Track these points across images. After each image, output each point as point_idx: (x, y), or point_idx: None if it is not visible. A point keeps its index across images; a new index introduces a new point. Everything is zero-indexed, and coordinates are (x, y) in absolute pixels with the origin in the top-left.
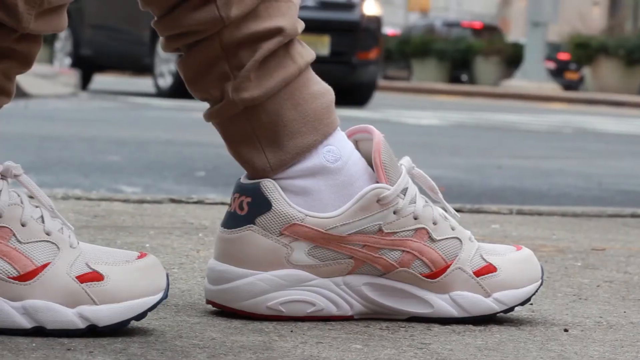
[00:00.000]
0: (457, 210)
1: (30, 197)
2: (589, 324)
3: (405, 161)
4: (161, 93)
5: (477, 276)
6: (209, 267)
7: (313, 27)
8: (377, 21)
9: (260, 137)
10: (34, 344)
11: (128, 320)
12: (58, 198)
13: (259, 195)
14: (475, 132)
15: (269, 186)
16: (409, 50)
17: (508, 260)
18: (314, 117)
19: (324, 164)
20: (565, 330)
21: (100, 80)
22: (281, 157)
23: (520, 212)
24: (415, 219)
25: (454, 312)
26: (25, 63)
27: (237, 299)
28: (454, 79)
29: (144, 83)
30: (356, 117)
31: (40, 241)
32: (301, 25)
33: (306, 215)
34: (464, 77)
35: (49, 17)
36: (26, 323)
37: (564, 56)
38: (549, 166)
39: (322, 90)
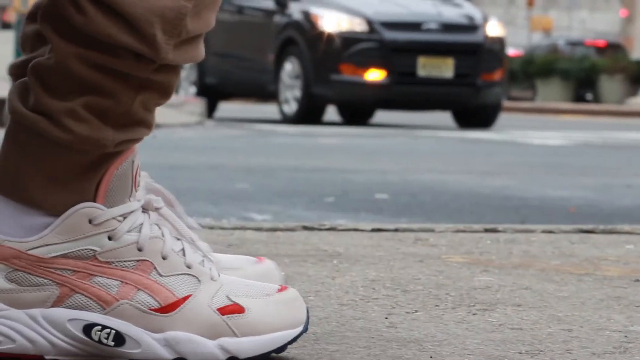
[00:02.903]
0: (590, 232)
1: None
2: None
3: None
4: (286, 119)
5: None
6: None
7: (437, 49)
8: (500, 42)
9: None
10: None
11: (268, 353)
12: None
13: None
14: (602, 151)
15: None
16: (533, 71)
17: None
18: None
19: None
20: None
21: (225, 108)
22: None
23: None
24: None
25: None
26: (164, 94)
27: None
28: (579, 98)
29: (269, 110)
30: (482, 139)
31: (181, 274)
32: None
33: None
34: (589, 96)
35: (187, 47)
36: (167, 354)
37: None
38: None
39: None
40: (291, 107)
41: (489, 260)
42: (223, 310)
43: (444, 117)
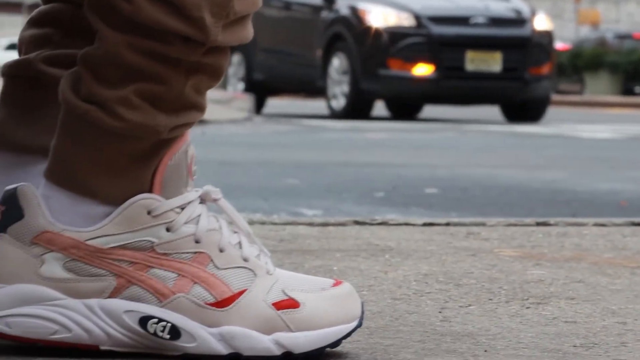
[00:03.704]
0: None
1: (228, 221)
2: None
3: None
4: (334, 115)
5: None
6: None
7: (485, 44)
8: (548, 36)
9: None
10: None
11: (323, 348)
12: None
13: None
14: None
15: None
16: (581, 64)
17: None
18: None
19: None
20: None
21: (274, 103)
22: None
23: None
24: None
25: None
26: (214, 76)
27: None
28: (627, 91)
29: (317, 105)
30: (530, 133)
31: (237, 267)
32: None
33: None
34: (638, 88)
35: (235, 28)
36: (223, 349)
37: None
38: None
39: None
40: (339, 103)
41: (541, 254)
42: (278, 305)
43: (492, 112)
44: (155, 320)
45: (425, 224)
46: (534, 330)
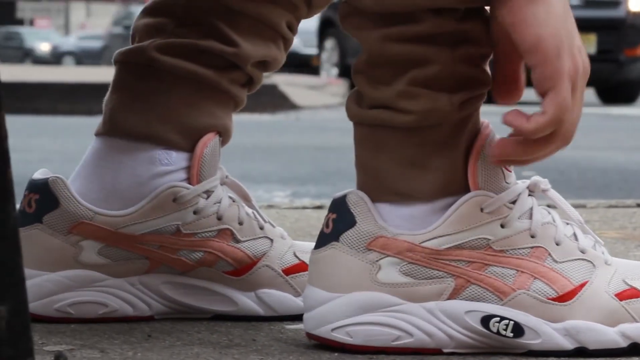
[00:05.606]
0: None
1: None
2: None
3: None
4: None
5: (287, 275)
6: None
7: (579, 25)
8: None
9: None
10: None
11: None
12: None
13: (47, 192)
14: None
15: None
16: None
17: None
18: None
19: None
20: None
21: None
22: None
23: None
24: (219, 219)
25: (259, 310)
26: (481, 43)
27: None
28: None
29: None
30: (626, 115)
31: (575, 260)
32: None
33: (95, 214)
34: None
35: None
36: (568, 344)
37: None
38: None
39: None
40: None
41: None
42: (621, 296)
43: (587, 93)
44: (498, 318)
45: None
46: None
